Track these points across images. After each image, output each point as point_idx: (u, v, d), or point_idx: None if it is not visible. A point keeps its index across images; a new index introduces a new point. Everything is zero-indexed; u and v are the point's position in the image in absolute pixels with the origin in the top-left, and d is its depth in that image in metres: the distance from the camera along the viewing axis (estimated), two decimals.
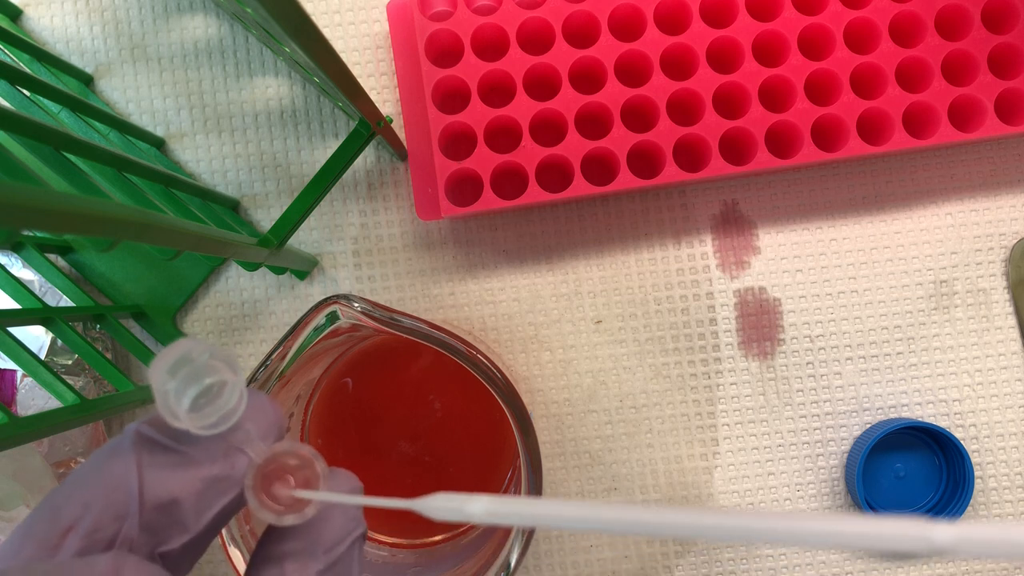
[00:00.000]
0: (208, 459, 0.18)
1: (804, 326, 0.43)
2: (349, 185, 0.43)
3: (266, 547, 0.19)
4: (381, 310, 0.29)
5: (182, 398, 0.17)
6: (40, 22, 0.43)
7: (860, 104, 0.39)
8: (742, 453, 0.43)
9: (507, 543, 0.30)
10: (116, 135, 0.38)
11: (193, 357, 0.17)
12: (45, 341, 0.40)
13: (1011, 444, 0.43)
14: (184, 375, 0.17)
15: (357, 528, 0.20)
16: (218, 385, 0.17)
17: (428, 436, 0.38)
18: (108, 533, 0.17)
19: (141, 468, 0.17)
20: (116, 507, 0.17)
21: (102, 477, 0.17)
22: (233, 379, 0.18)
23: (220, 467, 0.18)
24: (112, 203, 0.24)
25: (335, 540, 0.19)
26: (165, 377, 0.17)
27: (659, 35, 0.39)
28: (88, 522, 0.17)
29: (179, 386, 0.17)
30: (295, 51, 0.29)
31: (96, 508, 0.17)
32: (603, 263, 0.43)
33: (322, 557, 0.19)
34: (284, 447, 0.19)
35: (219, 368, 0.17)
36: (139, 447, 0.18)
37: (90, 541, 0.17)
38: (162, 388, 0.17)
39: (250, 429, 0.19)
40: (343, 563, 0.19)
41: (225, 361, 0.18)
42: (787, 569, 0.43)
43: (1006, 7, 0.39)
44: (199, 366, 0.17)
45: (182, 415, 0.17)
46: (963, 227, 0.43)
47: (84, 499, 0.17)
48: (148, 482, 0.17)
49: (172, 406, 0.17)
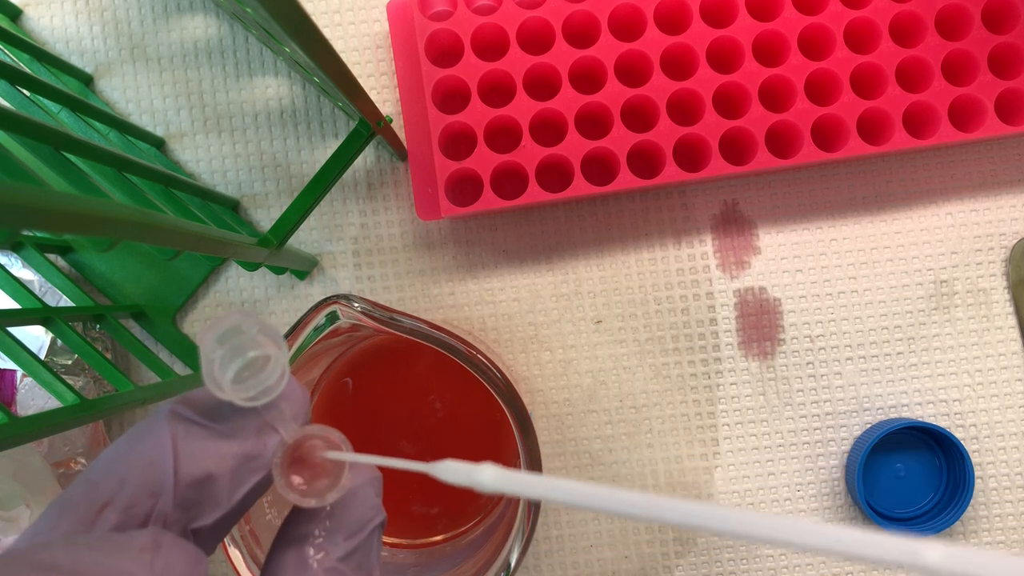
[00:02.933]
0: (241, 437, 0.18)
1: (804, 326, 0.43)
2: (349, 185, 0.43)
3: (288, 531, 0.20)
4: (381, 310, 0.29)
5: (228, 368, 0.17)
6: (40, 22, 0.43)
7: (860, 104, 0.39)
8: (742, 453, 0.43)
9: (507, 543, 0.30)
10: (116, 135, 0.38)
11: (243, 329, 0.17)
12: (45, 341, 0.40)
13: (1011, 444, 0.43)
14: (232, 346, 0.17)
15: (377, 516, 0.20)
16: (262, 359, 0.18)
17: (428, 436, 0.38)
18: (143, 509, 0.17)
19: (176, 445, 0.18)
20: (151, 483, 0.17)
21: (137, 454, 0.18)
22: (277, 354, 0.18)
23: (253, 444, 0.18)
24: (112, 203, 0.24)
25: (356, 527, 0.20)
26: (214, 345, 0.17)
27: (659, 35, 0.39)
28: (124, 498, 0.17)
29: (226, 356, 0.17)
30: (295, 51, 0.29)
31: (132, 484, 0.17)
32: (603, 263, 0.43)
33: (343, 544, 0.19)
34: (314, 430, 0.19)
35: (265, 343, 0.18)
36: (174, 424, 0.18)
37: (126, 516, 0.17)
38: (209, 356, 0.17)
39: (284, 408, 0.19)
40: (363, 550, 0.20)
41: (272, 337, 0.18)
42: (787, 569, 0.43)
43: (1006, 7, 0.39)
44: (247, 339, 0.17)
45: (226, 384, 0.17)
46: (963, 227, 0.43)
47: (120, 475, 0.17)
48: (183, 459, 0.18)
49: (217, 375, 0.17)
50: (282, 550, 0.19)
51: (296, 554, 0.19)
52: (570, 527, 0.43)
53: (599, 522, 0.43)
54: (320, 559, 0.19)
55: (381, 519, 0.20)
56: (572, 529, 0.43)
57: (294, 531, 0.20)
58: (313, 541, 0.19)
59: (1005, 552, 0.37)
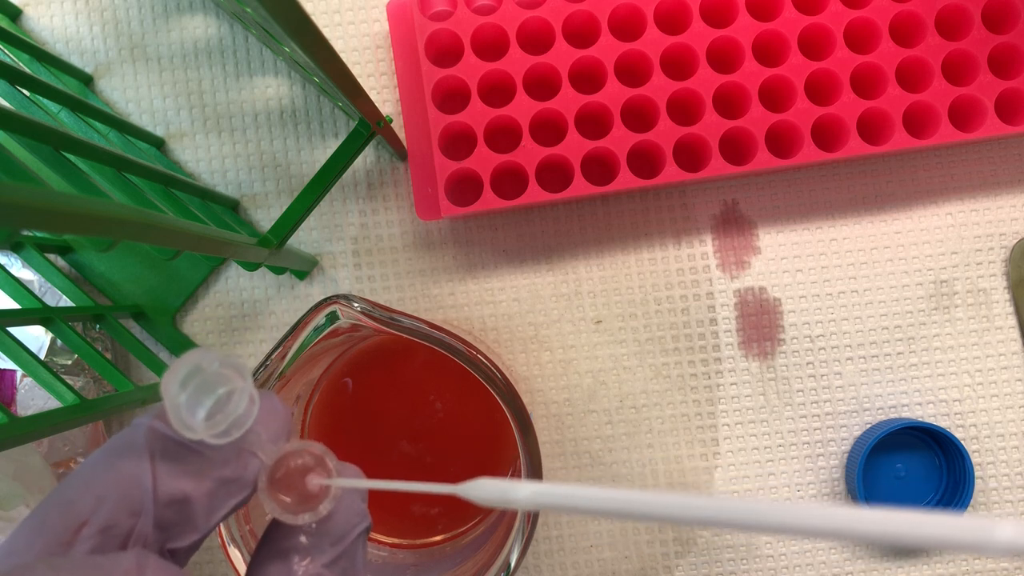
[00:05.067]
0: (221, 459, 0.18)
1: (804, 326, 0.43)
2: (349, 185, 0.43)
3: (271, 543, 0.19)
4: (381, 310, 0.29)
5: (196, 409, 0.17)
6: (40, 22, 0.43)
7: (860, 104, 0.39)
8: (742, 453, 0.43)
9: (507, 543, 0.30)
10: (116, 135, 0.38)
11: (203, 367, 0.17)
12: (45, 341, 0.40)
13: (1011, 444, 0.43)
14: (196, 386, 0.17)
15: (362, 522, 0.20)
16: (228, 393, 0.17)
17: (428, 436, 0.38)
18: (122, 529, 0.17)
19: (155, 465, 0.17)
20: (130, 503, 0.17)
21: (115, 472, 0.17)
22: (243, 386, 0.17)
23: (232, 468, 0.18)
24: (112, 203, 0.24)
25: (341, 534, 0.19)
26: (177, 390, 0.17)
27: (659, 35, 0.39)
28: (102, 517, 0.17)
29: (191, 397, 0.17)
30: (295, 51, 0.29)
31: (110, 503, 0.17)
32: (603, 263, 0.43)
33: (328, 550, 0.19)
34: (294, 446, 0.19)
35: (230, 376, 0.17)
36: (152, 443, 0.18)
37: (104, 537, 0.17)
38: (174, 401, 0.17)
39: (260, 432, 0.19)
40: (348, 556, 0.20)
41: (235, 368, 0.17)
42: (787, 569, 0.43)
43: (1006, 7, 0.39)
44: (210, 376, 0.17)
45: (197, 426, 0.17)
46: (963, 227, 0.43)
47: (97, 494, 0.17)
48: (161, 479, 0.17)
49: (185, 418, 0.17)
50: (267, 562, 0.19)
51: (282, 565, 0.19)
52: (570, 527, 0.43)
53: (599, 522, 0.43)
54: (306, 565, 0.19)
55: (366, 524, 0.20)
56: (572, 529, 0.43)
57: (278, 543, 0.19)
58: (299, 548, 0.19)
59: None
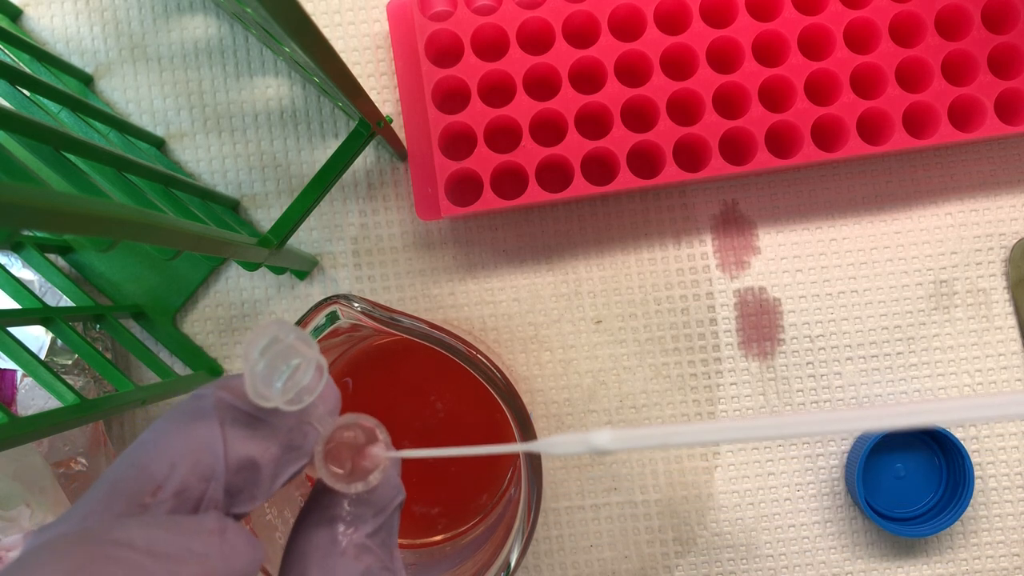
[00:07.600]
0: (285, 428, 0.19)
1: (804, 326, 0.43)
2: (349, 185, 0.43)
3: (316, 511, 0.20)
4: (381, 310, 0.29)
5: (271, 379, 0.18)
6: (40, 22, 0.43)
7: (860, 104, 0.39)
8: (742, 453, 0.43)
9: (507, 543, 0.30)
10: (116, 135, 0.38)
11: (280, 338, 0.18)
12: (45, 341, 0.40)
13: (1011, 444, 0.43)
14: (272, 356, 0.18)
15: (399, 495, 0.21)
16: (298, 364, 0.18)
17: (429, 436, 0.38)
18: (195, 493, 0.17)
19: (225, 432, 0.18)
20: (203, 468, 0.17)
21: (188, 439, 0.18)
22: (314, 357, 0.18)
23: (295, 436, 0.19)
24: (112, 203, 0.24)
25: (382, 504, 0.20)
26: (257, 359, 0.17)
27: (659, 35, 0.39)
28: (176, 481, 0.17)
29: (267, 367, 0.18)
30: (295, 51, 0.29)
31: (183, 468, 0.17)
32: (603, 263, 0.43)
33: (371, 521, 0.20)
34: (348, 419, 0.20)
35: (300, 348, 0.18)
36: (221, 411, 0.18)
37: (178, 500, 0.17)
38: (253, 369, 0.17)
39: (318, 404, 0.19)
40: (387, 527, 0.20)
41: (305, 341, 0.18)
42: (787, 569, 0.43)
43: (1006, 7, 0.39)
44: (285, 347, 0.18)
45: (272, 395, 0.17)
46: (963, 227, 0.43)
47: (171, 459, 0.17)
48: (232, 446, 0.18)
49: (260, 387, 0.17)
50: (312, 529, 0.20)
51: (327, 532, 0.20)
52: (570, 527, 0.43)
53: (599, 522, 0.43)
54: (351, 534, 0.20)
55: (402, 498, 0.21)
56: (572, 529, 0.43)
57: (323, 512, 0.20)
58: (343, 517, 0.20)
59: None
